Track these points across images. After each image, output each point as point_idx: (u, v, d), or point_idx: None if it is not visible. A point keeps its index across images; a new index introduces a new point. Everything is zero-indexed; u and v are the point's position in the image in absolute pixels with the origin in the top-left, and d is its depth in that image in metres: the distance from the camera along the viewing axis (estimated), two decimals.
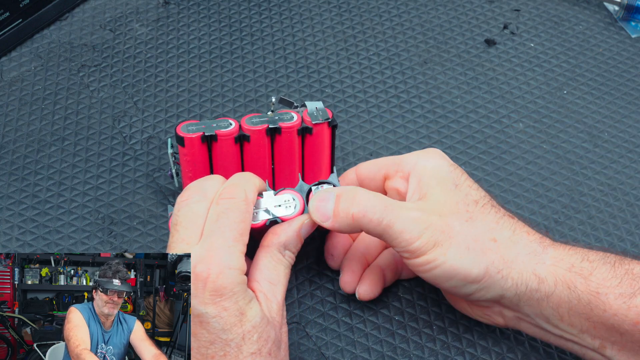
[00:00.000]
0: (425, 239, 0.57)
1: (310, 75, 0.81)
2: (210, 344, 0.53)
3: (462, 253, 0.57)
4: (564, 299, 0.57)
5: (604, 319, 0.56)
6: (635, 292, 0.55)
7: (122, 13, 0.85)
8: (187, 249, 0.54)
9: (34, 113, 0.77)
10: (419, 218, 0.57)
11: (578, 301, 0.56)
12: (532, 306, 0.58)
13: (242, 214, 0.56)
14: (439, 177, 0.60)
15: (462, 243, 0.57)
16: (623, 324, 0.55)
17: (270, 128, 0.64)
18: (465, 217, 0.58)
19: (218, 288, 0.53)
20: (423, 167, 0.60)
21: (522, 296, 0.58)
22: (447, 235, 0.57)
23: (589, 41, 0.85)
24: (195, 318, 0.53)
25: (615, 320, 0.56)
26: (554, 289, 0.57)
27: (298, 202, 0.60)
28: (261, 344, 0.54)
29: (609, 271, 0.56)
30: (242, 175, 0.59)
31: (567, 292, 0.57)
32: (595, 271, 0.57)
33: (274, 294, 0.57)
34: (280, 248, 0.59)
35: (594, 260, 0.57)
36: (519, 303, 0.58)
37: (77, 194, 0.71)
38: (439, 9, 0.87)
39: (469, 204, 0.59)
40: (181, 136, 0.63)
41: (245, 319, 0.54)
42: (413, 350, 0.63)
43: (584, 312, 0.56)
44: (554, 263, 0.57)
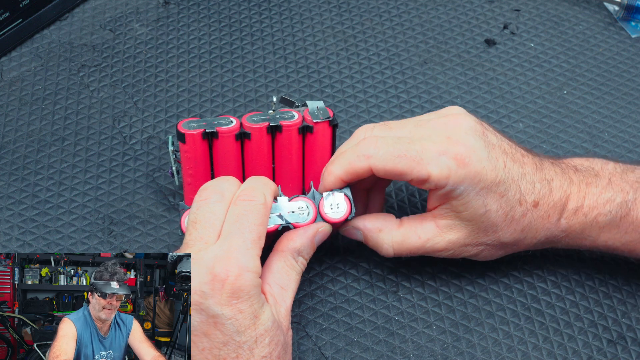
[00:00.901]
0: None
1: (310, 75, 0.81)
2: (223, 345, 0.53)
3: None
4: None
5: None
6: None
7: (122, 13, 0.85)
8: (204, 248, 0.55)
9: (34, 113, 0.77)
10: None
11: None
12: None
13: (261, 217, 0.57)
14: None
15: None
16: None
17: (271, 126, 0.64)
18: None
19: (236, 290, 0.53)
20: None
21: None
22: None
23: (589, 41, 0.85)
24: (210, 318, 0.53)
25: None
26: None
27: (311, 210, 0.61)
28: (272, 347, 0.55)
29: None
30: (260, 179, 0.60)
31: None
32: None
33: (284, 298, 0.58)
34: (294, 254, 0.59)
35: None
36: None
37: (77, 194, 0.71)
38: (439, 9, 0.87)
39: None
40: (182, 133, 0.63)
41: (258, 322, 0.54)
42: (413, 351, 0.63)
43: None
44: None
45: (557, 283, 0.67)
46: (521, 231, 0.61)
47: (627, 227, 0.62)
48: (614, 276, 0.68)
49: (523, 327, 0.65)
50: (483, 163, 0.59)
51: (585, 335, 0.65)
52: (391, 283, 0.67)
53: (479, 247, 0.63)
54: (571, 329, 0.65)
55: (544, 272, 0.68)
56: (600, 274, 0.68)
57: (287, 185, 0.66)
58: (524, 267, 0.68)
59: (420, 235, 0.62)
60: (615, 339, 0.65)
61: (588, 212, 0.62)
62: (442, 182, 0.59)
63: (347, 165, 0.61)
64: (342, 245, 0.68)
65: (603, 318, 0.66)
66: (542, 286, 0.67)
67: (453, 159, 0.59)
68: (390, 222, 0.63)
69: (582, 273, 0.68)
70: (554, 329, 0.65)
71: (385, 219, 0.64)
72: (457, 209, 0.61)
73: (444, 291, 0.66)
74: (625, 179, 0.63)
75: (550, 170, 0.62)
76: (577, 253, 0.69)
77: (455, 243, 0.62)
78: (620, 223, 0.62)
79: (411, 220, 0.63)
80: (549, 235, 0.62)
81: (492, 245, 0.62)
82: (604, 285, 0.67)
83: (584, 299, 0.66)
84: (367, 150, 0.60)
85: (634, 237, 0.62)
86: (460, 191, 0.59)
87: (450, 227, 0.62)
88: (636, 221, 0.62)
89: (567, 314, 0.66)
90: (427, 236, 0.62)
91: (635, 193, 0.62)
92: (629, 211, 0.62)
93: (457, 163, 0.59)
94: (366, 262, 0.68)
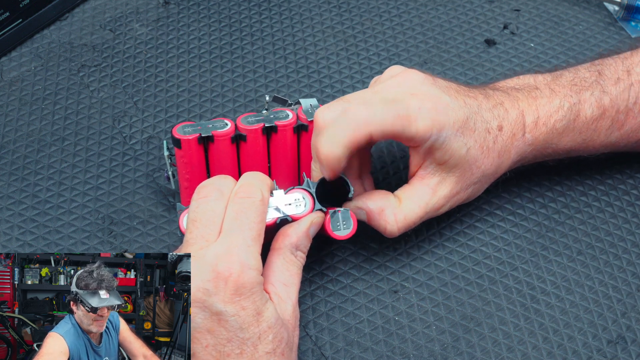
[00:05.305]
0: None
1: (310, 75, 0.81)
2: (227, 341, 0.54)
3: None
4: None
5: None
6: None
7: (122, 13, 0.85)
8: (206, 246, 0.55)
9: (34, 113, 0.77)
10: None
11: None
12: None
13: (259, 214, 0.57)
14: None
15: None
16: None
17: (266, 127, 0.64)
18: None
19: (239, 287, 0.53)
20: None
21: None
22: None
23: (589, 41, 0.85)
24: (213, 315, 0.53)
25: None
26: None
27: (308, 201, 0.61)
28: (276, 344, 0.55)
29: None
30: (255, 175, 0.60)
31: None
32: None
33: (289, 295, 0.58)
34: (292, 249, 0.60)
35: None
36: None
37: (77, 194, 0.71)
38: (439, 9, 0.87)
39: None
40: (178, 138, 0.63)
41: (261, 318, 0.54)
42: (412, 351, 0.63)
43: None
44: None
45: (556, 283, 0.67)
46: (498, 157, 0.64)
47: (581, 127, 0.67)
48: (613, 276, 0.68)
49: (522, 327, 0.65)
50: (451, 105, 0.62)
51: (584, 336, 0.65)
52: (391, 283, 0.67)
53: (469, 189, 0.65)
54: (571, 329, 0.65)
55: (544, 273, 0.68)
56: (600, 274, 0.68)
57: (283, 185, 0.66)
58: (523, 267, 0.68)
59: (419, 204, 0.64)
60: (615, 339, 0.65)
61: (546, 121, 0.66)
62: (428, 134, 0.61)
63: (346, 137, 0.60)
64: (343, 245, 0.68)
65: (602, 318, 0.66)
66: (541, 286, 0.67)
67: (431, 109, 0.61)
68: (391, 200, 0.64)
69: (581, 273, 0.68)
70: (554, 329, 0.65)
71: (387, 198, 0.64)
72: (441, 160, 0.62)
73: (443, 291, 0.66)
74: (561, 84, 0.67)
75: (496, 95, 0.66)
76: (577, 251, 0.69)
77: (449, 196, 0.64)
78: (574, 125, 0.67)
79: (406, 192, 0.64)
80: (520, 152, 0.66)
81: (478, 183, 0.65)
82: (603, 285, 0.67)
83: (584, 299, 0.66)
84: (363, 116, 0.60)
85: (587, 135, 0.67)
86: (443, 139, 0.61)
87: (440, 183, 0.64)
88: (586, 120, 0.67)
89: (567, 314, 0.66)
90: (424, 201, 0.64)
91: (577, 95, 0.67)
92: (578, 112, 0.66)
93: (436, 112, 0.61)
94: (366, 262, 0.68)
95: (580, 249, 0.69)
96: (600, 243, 0.70)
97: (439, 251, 0.68)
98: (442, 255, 0.68)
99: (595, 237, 0.70)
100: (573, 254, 0.69)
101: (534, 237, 0.70)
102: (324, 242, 0.67)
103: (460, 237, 0.69)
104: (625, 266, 0.68)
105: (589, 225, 0.71)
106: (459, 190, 0.64)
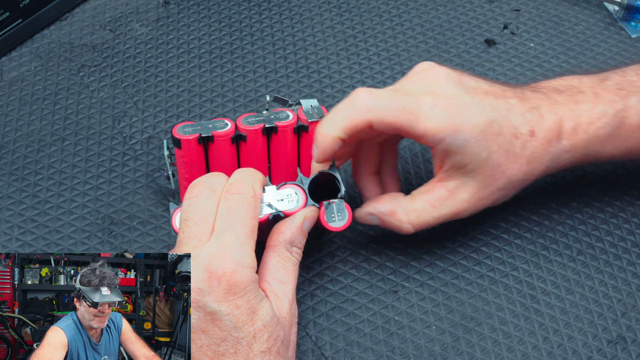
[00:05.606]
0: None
1: (310, 75, 0.81)
2: (222, 341, 0.53)
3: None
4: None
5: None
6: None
7: (122, 13, 0.85)
8: (198, 245, 0.54)
9: (34, 113, 0.77)
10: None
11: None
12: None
13: (251, 210, 0.57)
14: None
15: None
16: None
17: (266, 127, 0.64)
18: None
19: (232, 286, 0.53)
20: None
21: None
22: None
23: (589, 41, 0.85)
24: (207, 315, 0.53)
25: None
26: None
27: (300, 196, 0.61)
28: (271, 343, 0.55)
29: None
30: (247, 171, 0.59)
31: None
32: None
33: (285, 292, 0.58)
34: (287, 246, 0.59)
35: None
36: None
37: (77, 194, 0.71)
38: (439, 9, 0.87)
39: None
40: (178, 138, 0.63)
41: (256, 317, 0.54)
42: (412, 351, 0.63)
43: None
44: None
45: (556, 283, 0.67)
46: (527, 164, 0.62)
47: (626, 134, 0.64)
48: (613, 276, 0.68)
49: (522, 327, 0.65)
50: (472, 107, 0.60)
51: (584, 336, 0.65)
52: (391, 283, 0.67)
53: (494, 195, 0.63)
54: (571, 329, 0.65)
55: (544, 272, 0.68)
56: (600, 274, 0.68)
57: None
58: (523, 267, 0.68)
59: (434, 205, 0.62)
60: (615, 339, 0.65)
61: (587, 128, 0.63)
62: (441, 135, 0.59)
63: (345, 120, 0.60)
64: (343, 245, 0.68)
65: (602, 318, 0.66)
66: (541, 286, 0.67)
67: (445, 109, 0.59)
68: (402, 201, 0.63)
69: (582, 273, 0.68)
70: (554, 329, 0.65)
71: (397, 199, 0.63)
72: (460, 163, 0.61)
73: (443, 291, 0.66)
74: (607, 88, 0.64)
75: (534, 98, 0.63)
76: (577, 251, 0.69)
77: (470, 200, 0.62)
78: (618, 133, 0.64)
79: (422, 192, 0.63)
80: (555, 159, 0.63)
81: (504, 188, 0.63)
82: (603, 285, 0.67)
83: (584, 299, 0.66)
84: (366, 102, 0.59)
85: (632, 142, 0.64)
86: (460, 142, 0.59)
87: (460, 187, 0.62)
88: (632, 128, 0.64)
89: (567, 314, 0.66)
90: (440, 202, 0.62)
91: (623, 101, 0.64)
92: (623, 119, 0.63)
93: (450, 113, 0.59)
94: (366, 262, 0.68)
95: (580, 249, 0.69)
96: (600, 243, 0.70)
97: (439, 251, 0.68)
98: (442, 255, 0.68)
99: (596, 237, 0.70)
100: (573, 254, 0.69)
101: (534, 237, 0.70)
102: (324, 242, 0.67)
103: (460, 237, 0.69)
104: (625, 266, 0.68)
105: (589, 225, 0.71)
106: (482, 196, 0.62)
